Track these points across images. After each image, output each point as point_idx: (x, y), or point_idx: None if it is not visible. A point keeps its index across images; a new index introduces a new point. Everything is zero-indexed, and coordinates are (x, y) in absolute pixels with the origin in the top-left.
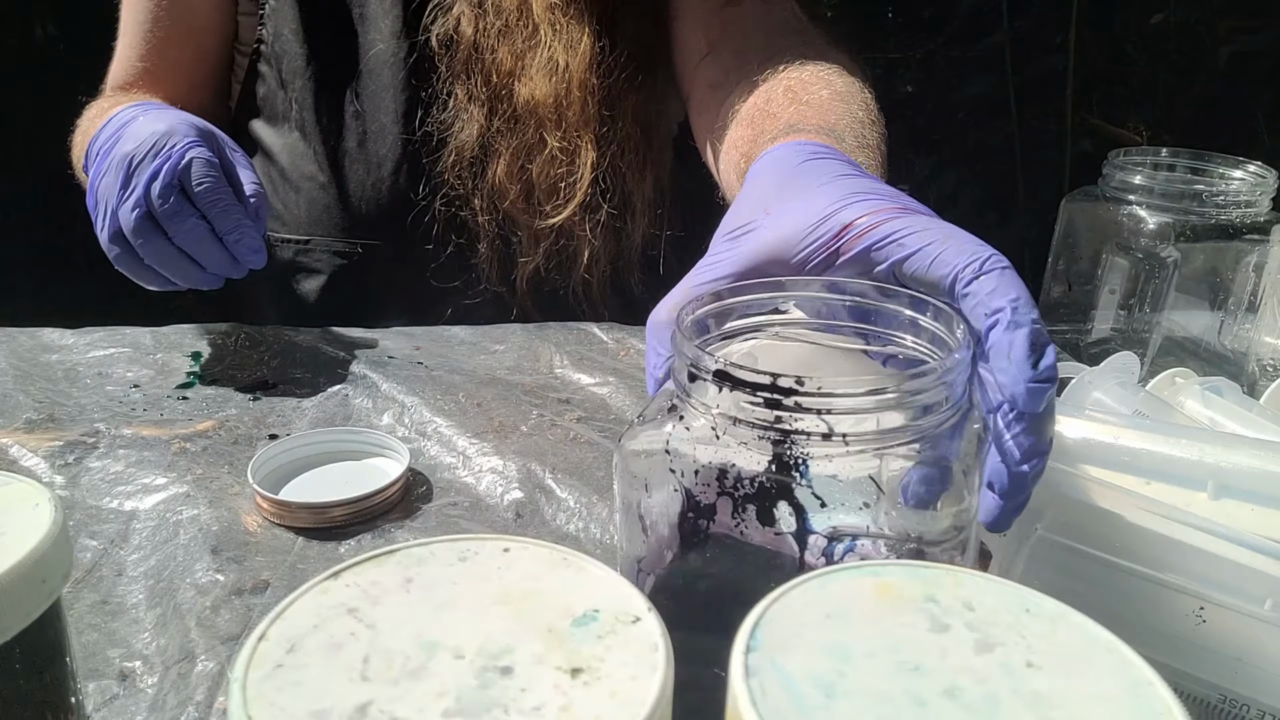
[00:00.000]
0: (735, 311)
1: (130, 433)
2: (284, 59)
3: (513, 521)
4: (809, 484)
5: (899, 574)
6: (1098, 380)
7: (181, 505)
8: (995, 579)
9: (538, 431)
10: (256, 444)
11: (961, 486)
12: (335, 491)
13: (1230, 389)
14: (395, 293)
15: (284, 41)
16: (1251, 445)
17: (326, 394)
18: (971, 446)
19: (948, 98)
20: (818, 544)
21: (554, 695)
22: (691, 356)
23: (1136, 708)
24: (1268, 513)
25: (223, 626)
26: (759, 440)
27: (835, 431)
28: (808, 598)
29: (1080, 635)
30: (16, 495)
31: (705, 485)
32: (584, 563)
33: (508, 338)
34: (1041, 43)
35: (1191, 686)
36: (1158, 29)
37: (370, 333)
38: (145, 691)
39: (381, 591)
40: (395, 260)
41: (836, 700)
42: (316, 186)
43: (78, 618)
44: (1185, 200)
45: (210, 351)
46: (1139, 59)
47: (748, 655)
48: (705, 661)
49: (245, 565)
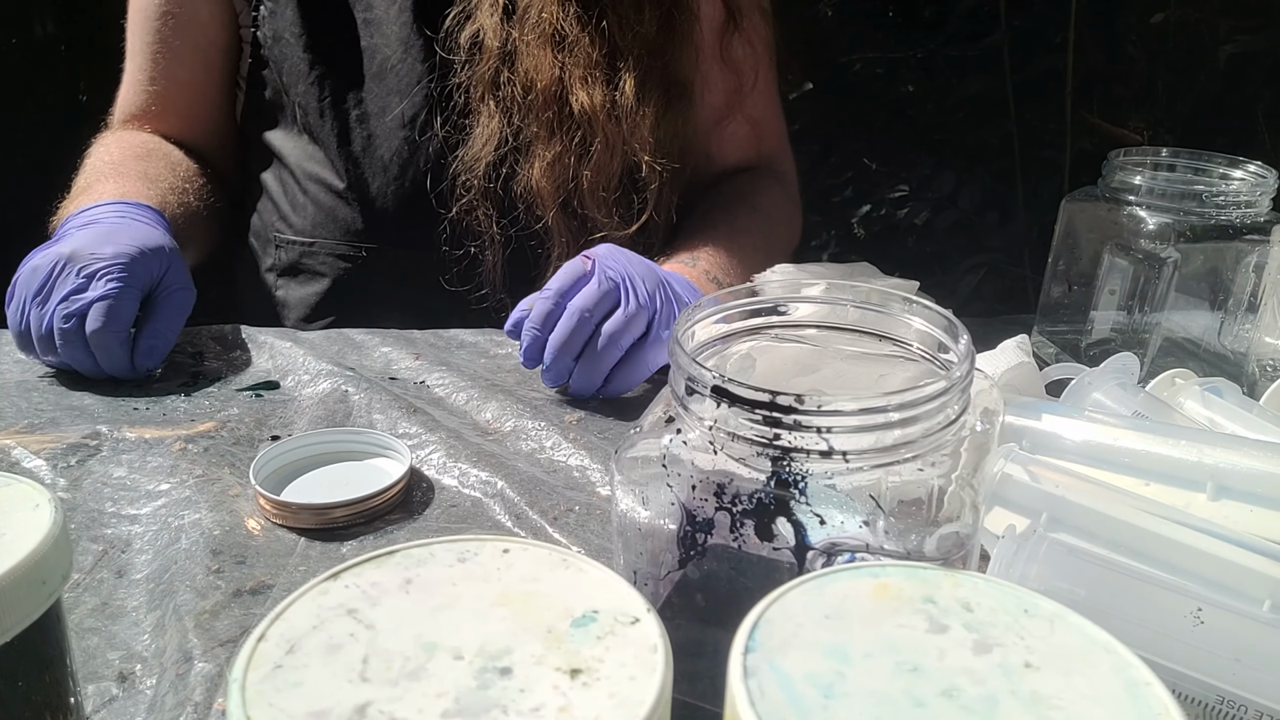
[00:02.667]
0: (735, 313)
1: (132, 434)
2: (284, 63)
3: (513, 523)
4: (808, 501)
5: (897, 575)
6: (1098, 381)
7: (183, 507)
8: (993, 580)
9: (538, 433)
10: (258, 444)
11: (961, 502)
12: (337, 492)
13: (1230, 390)
14: (399, 297)
15: (284, 45)
16: (1251, 446)
17: (328, 394)
18: (971, 460)
19: (948, 97)
20: (816, 560)
21: (553, 696)
22: (689, 370)
23: (1134, 708)
24: (1267, 514)
25: (223, 628)
26: (757, 457)
27: (835, 449)
28: (806, 599)
29: (1078, 636)
30: (16, 496)
31: (703, 499)
32: (583, 564)
33: (508, 340)
34: (1041, 42)
35: (1189, 687)
36: (1158, 29)
37: (372, 334)
38: (144, 693)
39: (381, 592)
40: (400, 265)
41: (835, 701)
42: (322, 189)
43: (78, 620)
44: (1185, 200)
45: (212, 352)
46: (1139, 59)
47: (746, 656)
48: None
49: (246, 566)
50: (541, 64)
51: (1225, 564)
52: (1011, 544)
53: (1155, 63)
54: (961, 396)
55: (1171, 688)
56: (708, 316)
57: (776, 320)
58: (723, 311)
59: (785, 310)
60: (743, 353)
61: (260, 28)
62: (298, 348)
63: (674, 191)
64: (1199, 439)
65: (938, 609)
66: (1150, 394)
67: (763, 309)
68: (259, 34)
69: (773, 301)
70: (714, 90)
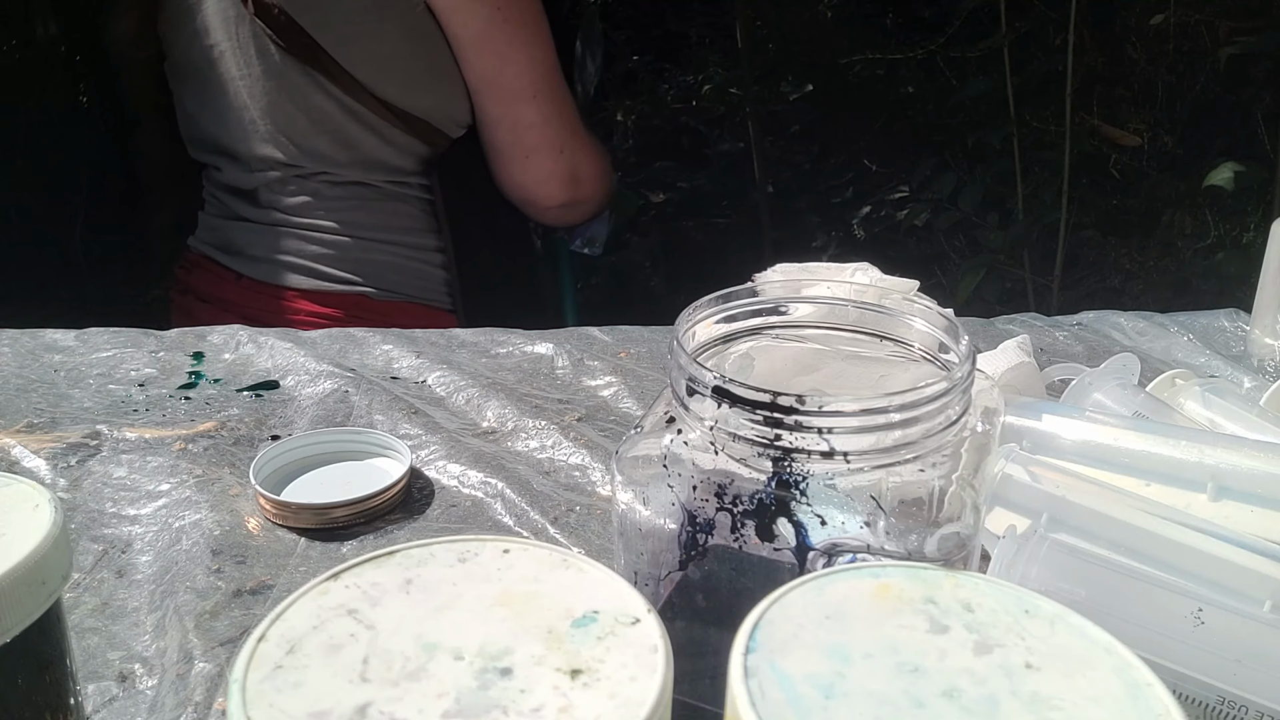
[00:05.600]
0: (735, 313)
1: (133, 434)
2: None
3: (513, 523)
4: (809, 501)
5: (898, 575)
6: (1098, 381)
7: (183, 507)
8: (994, 580)
9: (539, 432)
10: (258, 444)
11: (963, 502)
12: (337, 492)
13: (1230, 390)
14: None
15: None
16: (1252, 447)
17: (328, 394)
18: (972, 461)
19: (948, 99)
20: (817, 561)
21: (553, 696)
22: (689, 370)
23: (1135, 709)
24: (1267, 514)
25: (223, 628)
26: (758, 458)
27: (836, 450)
28: (807, 599)
29: (1079, 636)
30: (16, 496)
31: (704, 500)
32: (584, 564)
33: (509, 339)
34: (1041, 43)
35: (1190, 688)
36: (1158, 30)
37: (372, 332)
38: (144, 693)
39: (381, 593)
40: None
41: (835, 701)
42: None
43: (78, 620)
44: None
45: (212, 352)
46: (1139, 60)
47: (747, 656)
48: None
49: (246, 566)
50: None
51: (1226, 564)
52: (1012, 544)
53: (1155, 64)
54: (962, 397)
55: (1172, 688)
56: (708, 316)
57: (776, 320)
58: (723, 311)
59: (785, 310)
60: (742, 353)
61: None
62: (298, 348)
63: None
64: (1200, 439)
65: (938, 609)
66: (1151, 394)
67: (763, 309)
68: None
69: (773, 301)
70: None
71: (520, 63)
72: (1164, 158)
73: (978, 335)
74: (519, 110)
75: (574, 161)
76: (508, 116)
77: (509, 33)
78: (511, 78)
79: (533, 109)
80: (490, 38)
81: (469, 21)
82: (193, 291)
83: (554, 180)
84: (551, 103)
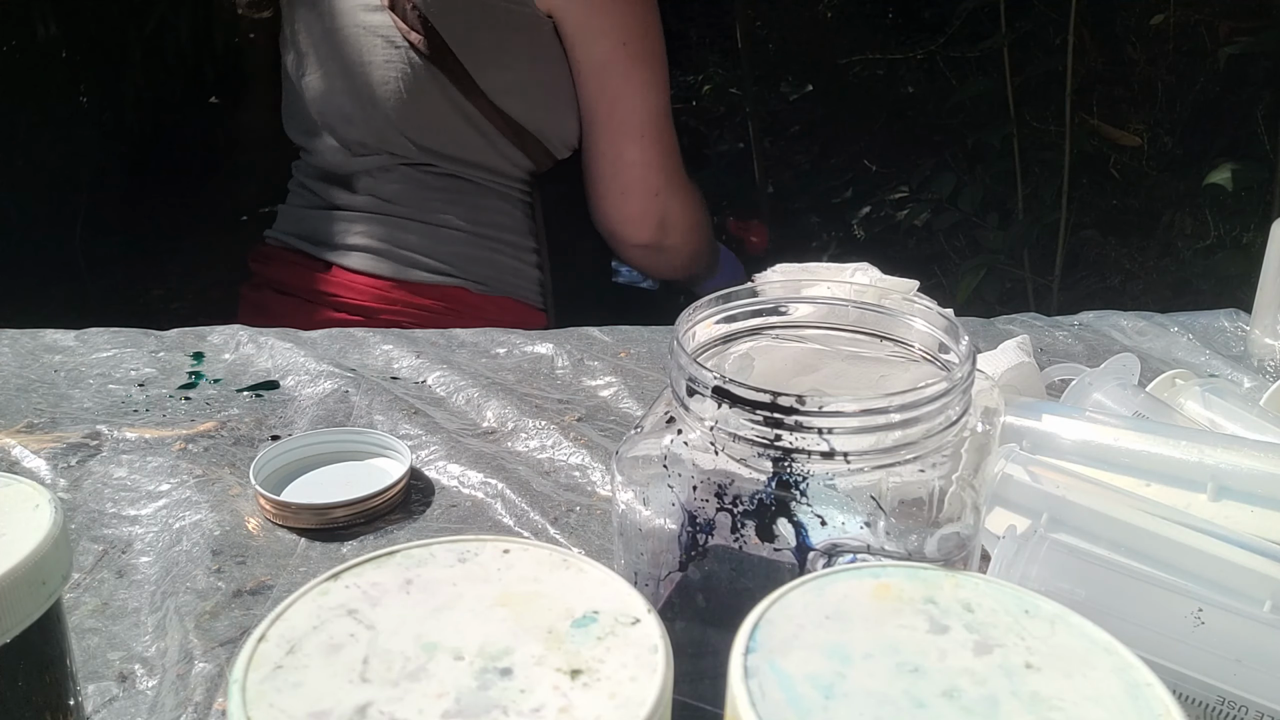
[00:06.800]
0: (735, 313)
1: (133, 434)
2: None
3: (513, 523)
4: (809, 501)
5: (898, 575)
6: (1098, 381)
7: (183, 507)
8: (994, 580)
9: (539, 432)
10: (258, 444)
11: (963, 502)
12: (337, 492)
13: (1230, 390)
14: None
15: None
16: (1252, 447)
17: (328, 394)
18: (972, 461)
19: (948, 99)
20: (817, 561)
21: (553, 696)
22: (689, 371)
23: (1135, 709)
24: (1267, 514)
25: (223, 628)
26: (758, 458)
27: (836, 450)
28: (807, 599)
29: (1079, 637)
30: (16, 496)
31: (704, 500)
32: (584, 564)
33: (509, 340)
34: (1041, 43)
35: (1190, 688)
36: (1157, 31)
37: (373, 332)
38: (144, 693)
39: (381, 593)
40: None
41: (835, 701)
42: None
43: (78, 620)
44: None
45: (212, 352)
46: (1139, 61)
47: (747, 656)
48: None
49: (246, 567)
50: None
51: (1226, 565)
52: (1012, 544)
53: (1155, 64)
54: (963, 397)
55: (1172, 688)
56: (708, 317)
57: (776, 320)
58: (723, 312)
59: (785, 310)
60: (742, 353)
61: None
62: (298, 348)
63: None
64: (1200, 439)
65: (938, 610)
66: (1151, 394)
67: (763, 309)
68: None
69: (773, 301)
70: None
71: (633, 100)
72: (1164, 158)
73: (978, 335)
74: (622, 146)
75: (666, 207)
76: (611, 150)
77: (628, 68)
78: (624, 113)
79: (636, 149)
80: (610, 69)
81: (593, 49)
82: (270, 285)
83: (643, 221)
84: (656, 146)
